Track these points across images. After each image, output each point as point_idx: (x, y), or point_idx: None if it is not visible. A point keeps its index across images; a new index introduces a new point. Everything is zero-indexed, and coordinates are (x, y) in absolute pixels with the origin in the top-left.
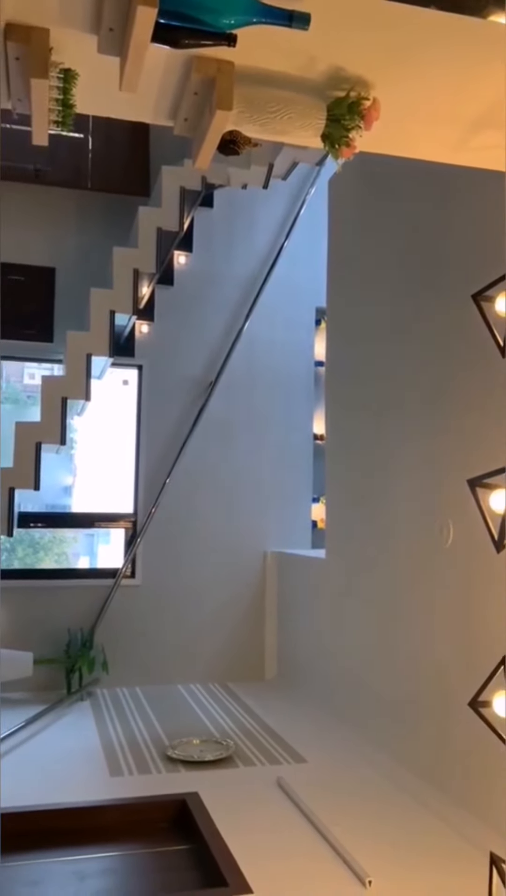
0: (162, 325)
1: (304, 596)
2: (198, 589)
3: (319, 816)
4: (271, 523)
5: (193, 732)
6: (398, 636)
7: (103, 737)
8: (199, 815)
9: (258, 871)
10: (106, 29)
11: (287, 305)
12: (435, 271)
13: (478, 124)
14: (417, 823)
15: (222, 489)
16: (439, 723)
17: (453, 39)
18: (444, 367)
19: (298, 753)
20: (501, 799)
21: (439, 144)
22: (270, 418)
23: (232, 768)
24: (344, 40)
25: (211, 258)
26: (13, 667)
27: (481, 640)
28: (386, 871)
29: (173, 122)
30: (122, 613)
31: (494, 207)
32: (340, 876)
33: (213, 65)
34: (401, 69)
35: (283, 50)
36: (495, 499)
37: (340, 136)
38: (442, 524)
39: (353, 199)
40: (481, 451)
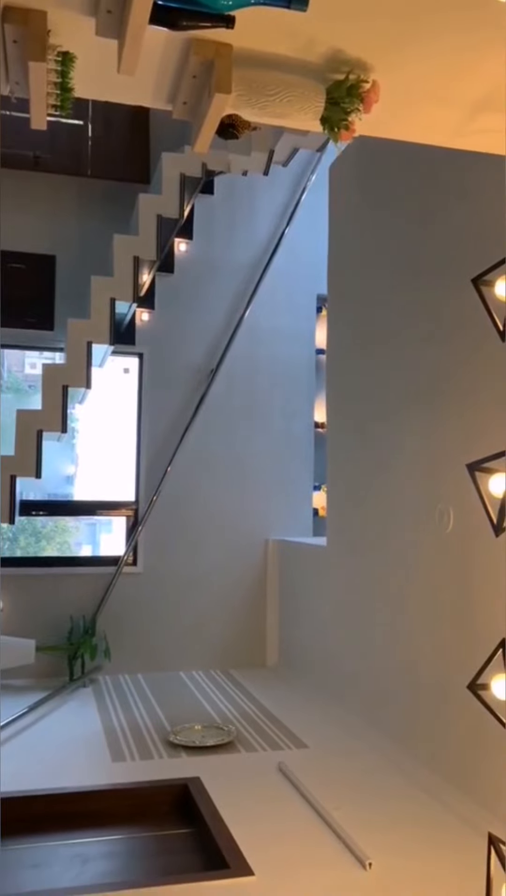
0: (163, 313)
1: (305, 583)
2: (199, 576)
3: (319, 800)
4: (273, 511)
5: (195, 718)
6: (399, 622)
7: (105, 723)
8: (200, 800)
9: (260, 855)
10: (104, 11)
11: (288, 293)
12: (435, 256)
13: (478, 108)
14: (417, 806)
15: (224, 477)
16: (439, 707)
17: (452, 22)
18: (444, 352)
19: (299, 739)
20: (499, 781)
21: (439, 128)
22: (272, 406)
23: (234, 753)
24: (343, 22)
25: (212, 245)
26: (16, 654)
27: (482, 624)
28: (386, 854)
29: (172, 106)
30: (124, 601)
31: (493, 192)
32: (341, 859)
33: (211, 47)
34: (400, 52)
35: (282, 32)
36: (495, 483)
37: (339, 119)
38: (442, 510)
39: (353, 185)
40: (481, 437)
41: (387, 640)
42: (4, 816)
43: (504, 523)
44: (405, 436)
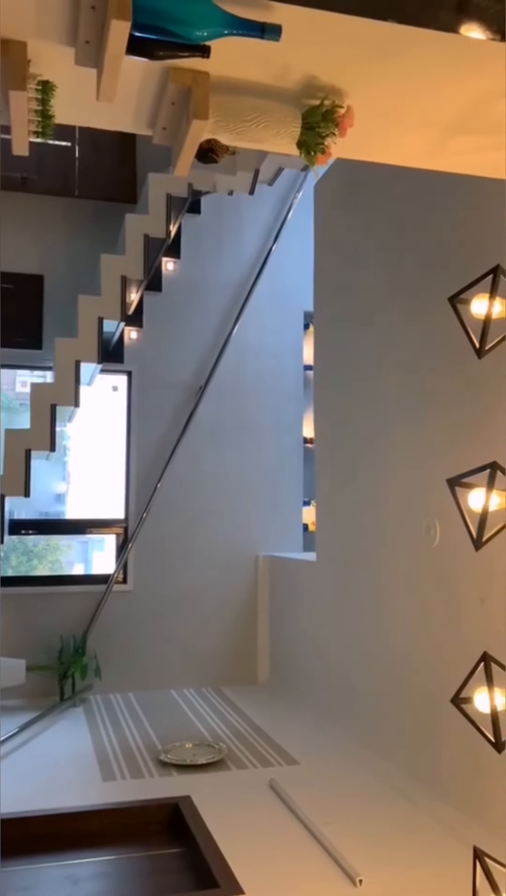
0: (151, 331)
1: (295, 599)
2: (190, 593)
3: (310, 817)
4: (263, 527)
5: (186, 736)
6: (388, 637)
7: (96, 742)
8: (191, 819)
9: (250, 873)
10: (82, 41)
11: (275, 310)
12: (420, 274)
13: (451, 130)
14: (406, 821)
15: (213, 494)
16: (428, 721)
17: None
18: (429, 369)
19: (290, 755)
20: (486, 794)
21: (414, 150)
22: (260, 422)
23: (225, 771)
24: (316, 51)
25: (199, 264)
26: (6, 674)
27: (468, 638)
28: (376, 870)
29: (152, 132)
30: (115, 619)
31: (476, 211)
32: (331, 875)
33: (188, 75)
34: (373, 78)
35: (257, 60)
36: (474, 498)
37: (315, 143)
38: (429, 524)
39: (338, 203)
40: (465, 452)
41: (376, 654)
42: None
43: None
44: (392, 450)
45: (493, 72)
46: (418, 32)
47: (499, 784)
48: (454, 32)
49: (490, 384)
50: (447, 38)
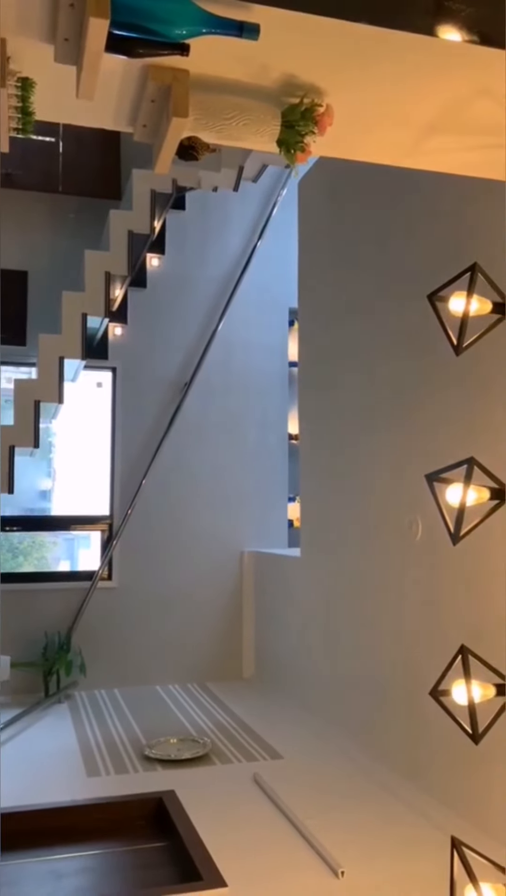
0: (135, 328)
1: (280, 594)
2: (175, 590)
3: (293, 810)
4: (248, 523)
5: (171, 732)
6: (372, 632)
7: (81, 738)
8: (175, 813)
9: (233, 866)
10: (61, 39)
11: (261, 306)
12: (403, 270)
13: (430, 129)
14: (388, 813)
15: (198, 490)
16: (410, 715)
17: (398, 51)
18: (411, 365)
19: (275, 750)
20: (466, 785)
21: (393, 149)
22: (246, 419)
23: (209, 766)
24: (294, 50)
25: (184, 260)
26: None
27: (449, 632)
28: (358, 861)
29: (133, 129)
30: (100, 616)
31: (457, 209)
32: (314, 868)
33: (168, 73)
34: (352, 77)
35: (236, 58)
36: (452, 493)
37: (294, 141)
38: (411, 520)
39: (322, 200)
40: (446, 448)
41: (360, 649)
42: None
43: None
44: (376, 447)
45: (468, 74)
46: (393, 34)
47: (476, 775)
48: (428, 35)
49: (469, 381)
50: (422, 40)
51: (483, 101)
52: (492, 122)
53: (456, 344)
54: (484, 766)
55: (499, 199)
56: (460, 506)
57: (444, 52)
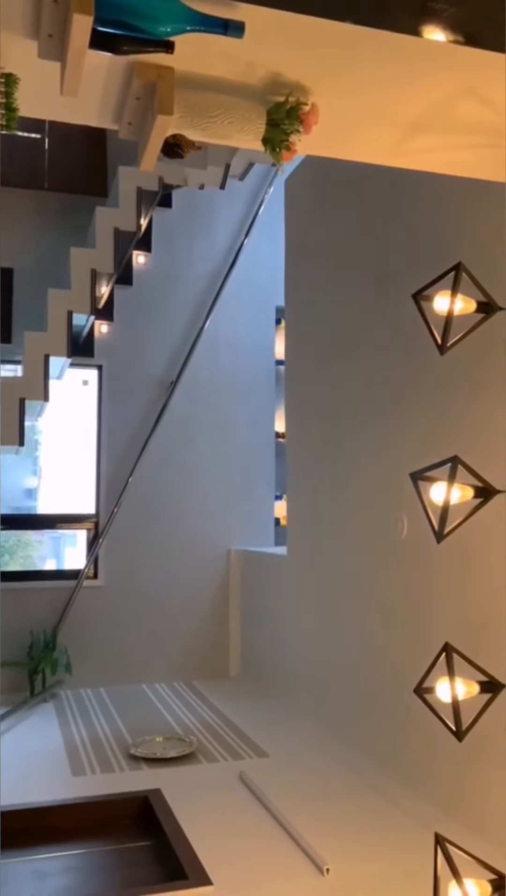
0: (122, 325)
1: (267, 593)
2: (162, 588)
3: (279, 808)
4: (235, 521)
5: (157, 730)
6: (358, 630)
7: (66, 737)
8: (160, 812)
9: (219, 864)
10: (45, 35)
11: (248, 305)
12: (389, 270)
13: (415, 128)
14: (375, 811)
15: (185, 488)
16: (396, 712)
17: (383, 51)
18: (397, 364)
19: (261, 748)
20: (451, 782)
21: (378, 147)
22: (233, 417)
23: (195, 764)
24: (279, 48)
25: (171, 258)
26: None
27: (434, 629)
28: (345, 859)
29: (118, 126)
30: (86, 614)
31: (444, 208)
32: (299, 865)
33: (153, 70)
34: (337, 76)
35: (221, 56)
36: (436, 491)
37: (279, 140)
38: (397, 518)
39: (309, 199)
40: (432, 446)
41: (347, 647)
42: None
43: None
44: (362, 445)
45: (453, 74)
46: (378, 34)
47: (460, 772)
48: (413, 35)
49: (453, 380)
50: (407, 40)
51: (468, 100)
52: (477, 122)
53: (440, 343)
54: (468, 763)
55: (484, 197)
56: (444, 504)
57: (428, 53)
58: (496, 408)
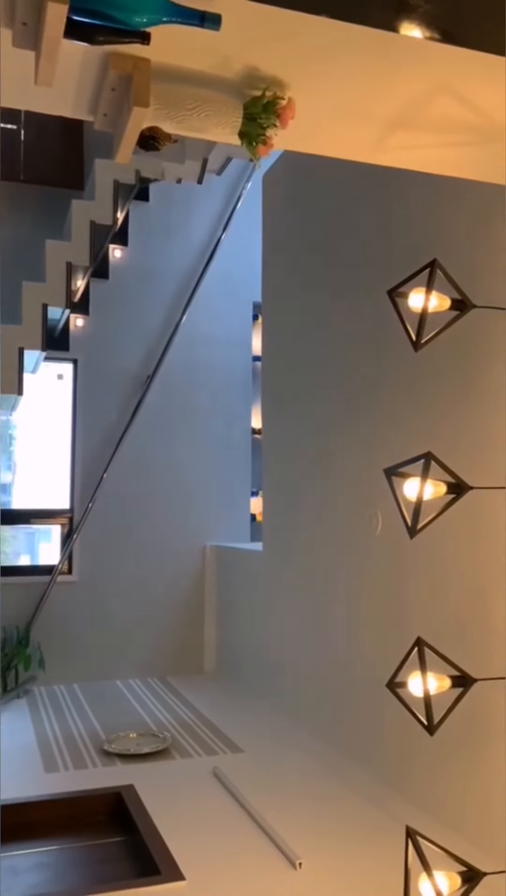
0: (97, 319)
1: (242, 589)
2: (136, 584)
3: (252, 803)
4: (210, 517)
5: (131, 726)
6: (332, 625)
7: (39, 734)
8: (133, 807)
9: (192, 859)
10: (19, 23)
11: (225, 300)
12: (365, 267)
13: (393, 125)
14: (349, 806)
15: (161, 484)
16: (370, 708)
17: (364, 42)
18: (373, 360)
19: (235, 744)
20: (421, 777)
21: (355, 144)
22: (209, 413)
23: (169, 760)
24: (257, 42)
25: (147, 252)
26: None
27: (408, 624)
28: (317, 853)
29: (93, 118)
30: (59, 610)
31: (420, 205)
32: (272, 860)
33: (129, 61)
34: (315, 70)
35: (198, 49)
36: (409, 487)
37: (256, 134)
38: (372, 514)
39: (286, 195)
40: (406, 443)
41: (321, 643)
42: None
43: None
44: (337, 442)
45: (429, 70)
46: (354, 29)
47: (431, 766)
48: (389, 31)
49: (428, 376)
50: (383, 35)
51: (445, 98)
52: (454, 120)
53: (415, 340)
54: (439, 757)
55: (460, 195)
56: (417, 500)
57: (405, 49)
58: (470, 404)
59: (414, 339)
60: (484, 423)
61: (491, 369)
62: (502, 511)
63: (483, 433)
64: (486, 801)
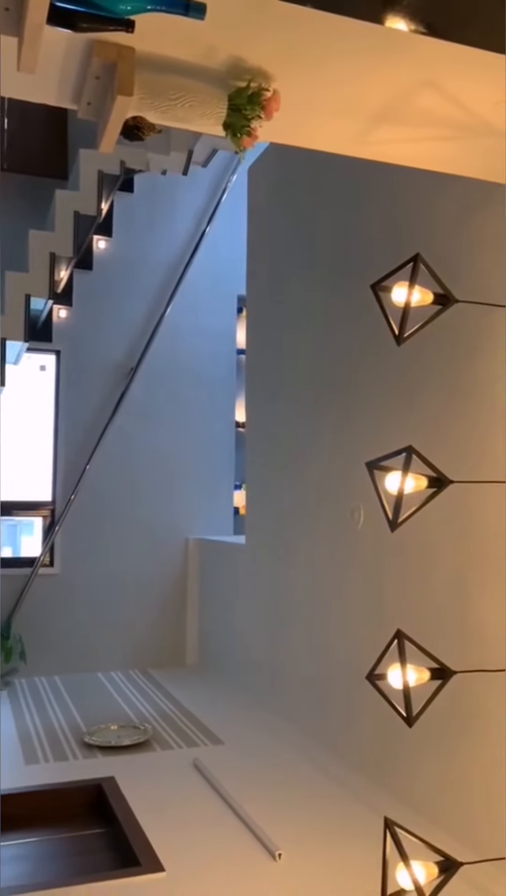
0: (81, 310)
1: (224, 582)
2: (119, 576)
3: (232, 795)
4: (194, 510)
5: (112, 718)
6: (314, 618)
7: (20, 726)
8: (114, 799)
9: (172, 851)
10: (2, 8)
11: (209, 292)
12: (350, 259)
13: (378, 118)
14: (326, 796)
15: (144, 476)
16: (351, 699)
17: (349, 36)
18: (357, 355)
19: (216, 735)
20: (400, 768)
21: (341, 137)
22: (193, 405)
23: (149, 752)
24: (242, 32)
25: (132, 243)
26: None
27: (389, 617)
28: (296, 844)
29: (77, 106)
30: (41, 602)
31: (404, 200)
32: (251, 851)
33: (113, 50)
34: (300, 62)
35: (183, 38)
36: (391, 480)
37: (241, 125)
38: (354, 507)
39: (272, 187)
40: (388, 437)
41: (303, 635)
42: None
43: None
44: (320, 435)
45: (414, 64)
46: (340, 20)
47: (410, 757)
48: (375, 23)
49: (410, 370)
50: (369, 27)
51: (429, 92)
52: (438, 115)
53: (398, 334)
54: (419, 749)
55: (446, 190)
56: (399, 493)
57: (390, 42)
58: (454, 399)
59: (397, 333)
60: (467, 417)
61: (475, 364)
62: (484, 505)
63: (466, 428)
64: (465, 793)
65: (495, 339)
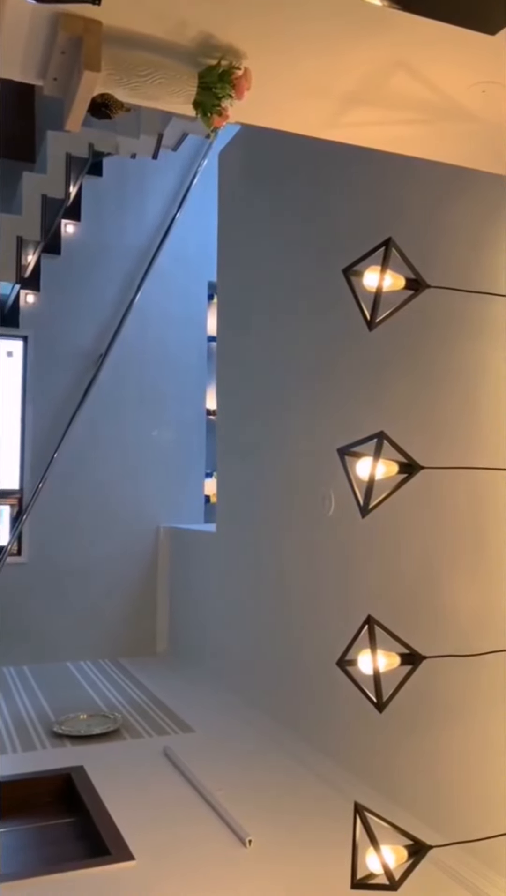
0: (49, 296)
1: (195, 570)
2: (88, 565)
3: (203, 782)
4: (164, 498)
5: (81, 708)
6: (285, 605)
7: None
8: (83, 788)
9: (142, 839)
10: None
11: (180, 278)
12: (321, 245)
13: (350, 100)
14: (296, 782)
15: (114, 464)
16: (322, 686)
17: (322, 14)
18: (326, 342)
19: (186, 723)
20: (368, 753)
21: (313, 119)
22: (163, 392)
23: (119, 741)
24: (213, 7)
25: (101, 228)
26: None
27: (360, 603)
28: (266, 830)
29: (43, 82)
30: (9, 592)
31: (376, 184)
32: (222, 838)
33: (80, 23)
34: (272, 41)
35: (152, 13)
36: (361, 466)
37: (211, 104)
38: (324, 495)
39: (242, 172)
40: (358, 423)
41: (273, 623)
42: None
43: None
44: (290, 422)
45: (389, 44)
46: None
47: (380, 743)
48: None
49: (381, 356)
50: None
51: (403, 74)
52: (411, 97)
53: (369, 319)
54: (387, 734)
55: (418, 175)
56: (369, 479)
57: (364, 19)
58: (422, 385)
59: (368, 319)
60: (440, 403)
61: (449, 351)
62: (454, 491)
63: (439, 414)
64: (435, 778)
65: (467, 325)
